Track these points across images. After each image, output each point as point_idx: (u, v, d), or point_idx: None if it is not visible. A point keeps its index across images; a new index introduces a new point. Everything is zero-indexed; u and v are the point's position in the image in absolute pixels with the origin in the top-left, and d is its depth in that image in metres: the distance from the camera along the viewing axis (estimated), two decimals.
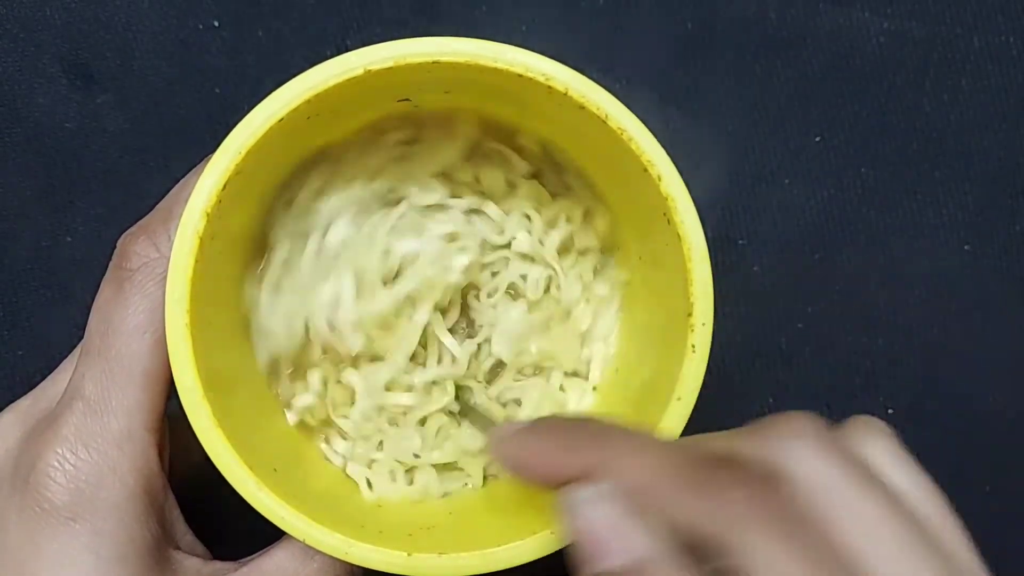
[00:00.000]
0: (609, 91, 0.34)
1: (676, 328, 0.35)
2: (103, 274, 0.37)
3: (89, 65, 0.47)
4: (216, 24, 0.47)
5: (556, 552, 0.34)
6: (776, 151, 0.49)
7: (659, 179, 0.34)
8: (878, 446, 0.30)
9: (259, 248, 0.39)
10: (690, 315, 0.34)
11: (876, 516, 0.27)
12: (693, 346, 0.34)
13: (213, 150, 0.34)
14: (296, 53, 0.47)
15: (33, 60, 0.47)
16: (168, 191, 0.37)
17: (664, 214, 0.34)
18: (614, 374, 0.42)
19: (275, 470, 0.35)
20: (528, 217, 0.41)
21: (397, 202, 0.40)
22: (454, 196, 0.41)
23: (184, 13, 0.47)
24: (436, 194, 0.40)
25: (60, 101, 0.47)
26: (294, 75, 0.34)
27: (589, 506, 0.28)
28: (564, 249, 0.41)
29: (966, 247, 0.49)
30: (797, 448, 0.28)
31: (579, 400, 0.42)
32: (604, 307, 0.42)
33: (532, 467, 0.31)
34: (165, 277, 0.34)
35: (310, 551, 0.35)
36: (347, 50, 0.34)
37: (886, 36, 0.49)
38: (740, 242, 0.48)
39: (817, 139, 0.49)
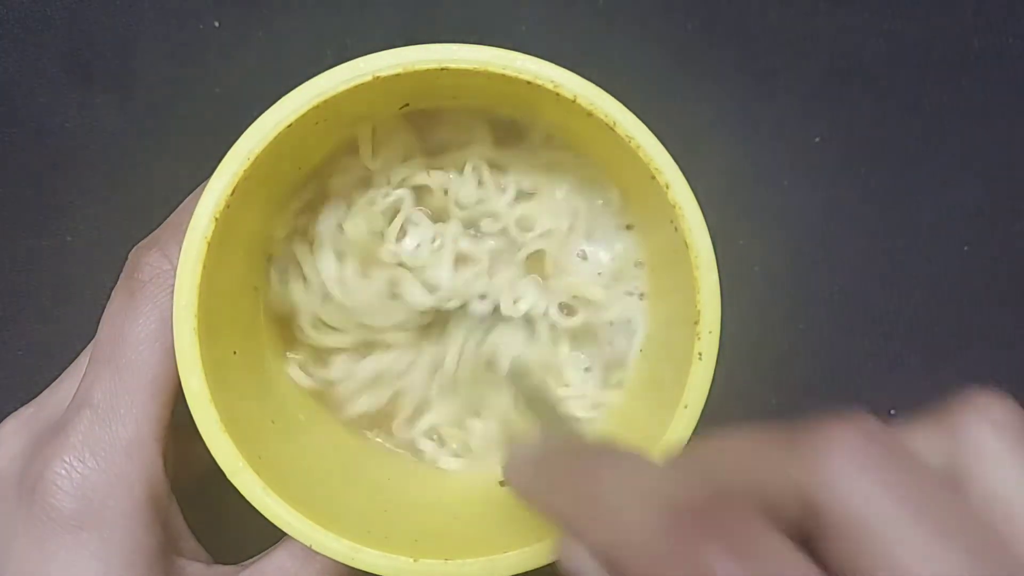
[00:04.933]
0: (608, 91, 0.34)
1: (683, 335, 0.35)
2: (103, 274, 0.37)
3: (89, 65, 0.47)
4: (216, 24, 0.47)
5: None
6: (776, 151, 0.49)
7: (667, 187, 0.34)
8: (979, 437, 0.24)
9: (267, 253, 0.39)
10: (697, 323, 0.34)
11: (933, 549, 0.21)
12: (700, 354, 0.34)
13: (213, 150, 0.34)
14: (296, 53, 0.47)
15: (34, 60, 0.47)
16: (168, 191, 0.37)
17: (671, 221, 0.34)
18: None
19: (282, 474, 0.35)
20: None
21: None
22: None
23: (184, 13, 0.47)
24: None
25: (60, 101, 0.47)
26: (295, 76, 0.34)
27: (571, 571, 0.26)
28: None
29: (966, 247, 0.49)
30: (827, 475, 0.23)
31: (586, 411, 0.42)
32: None
33: (537, 505, 0.28)
34: None
35: (311, 552, 0.35)
36: (348, 50, 0.34)
37: (886, 36, 0.49)
38: (740, 242, 0.48)
39: (817, 139, 0.49)
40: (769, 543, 0.22)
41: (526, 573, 0.34)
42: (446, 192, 0.40)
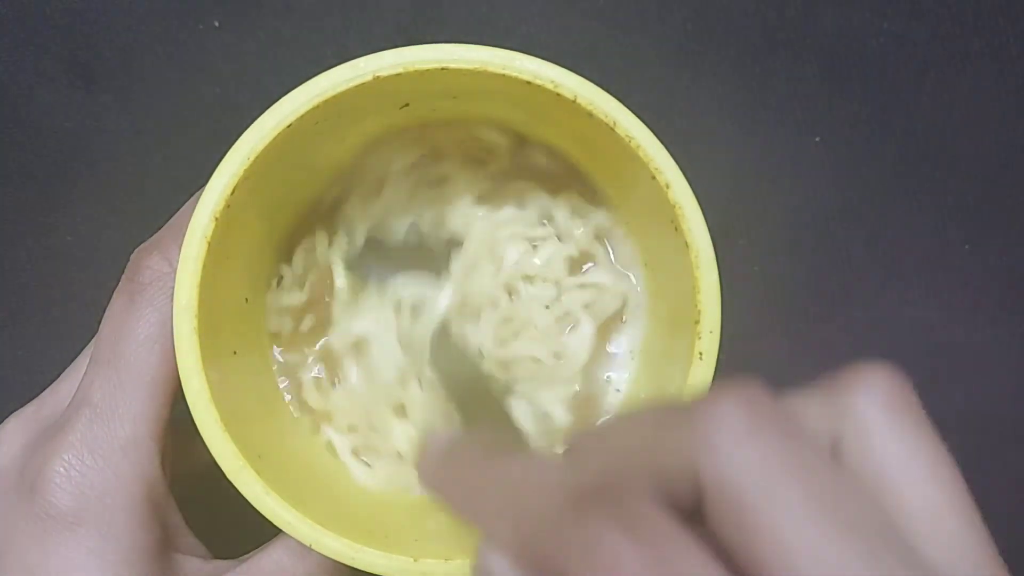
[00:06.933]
0: (608, 91, 0.34)
1: (683, 335, 0.35)
2: (103, 274, 0.37)
3: (89, 65, 0.47)
4: (216, 24, 0.47)
5: None
6: (776, 151, 0.49)
7: (667, 187, 0.34)
8: (865, 410, 0.24)
9: (268, 254, 0.39)
10: (697, 323, 0.34)
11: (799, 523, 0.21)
12: (700, 353, 0.34)
13: (213, 151, 0.34)
14: (296, 53, 0.47)
15: (33, 60, 0.47)
16: (168, 191, 0.37)
17: (672, 221, 0.34)
18: None
19: (282, 473, 0.35)
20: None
21: None
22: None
23: (184, 13, 0.47)
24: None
25: (60, 101, 0.47)
26: (295, 76, 0.34)
27: None
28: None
29: (966, 247, 0.49)
30: (707, 449, 0.22)
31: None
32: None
33: (443, 500, 0.28)
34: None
35: (307, 547, 0.35)
36: (348, 50, 0.34)
37: (886, 36, 0.49)
38: (740, 242, 0.48)
39: (817, 139, 0.49)
40: (657, 522, 0.21)
41: None
42: None
